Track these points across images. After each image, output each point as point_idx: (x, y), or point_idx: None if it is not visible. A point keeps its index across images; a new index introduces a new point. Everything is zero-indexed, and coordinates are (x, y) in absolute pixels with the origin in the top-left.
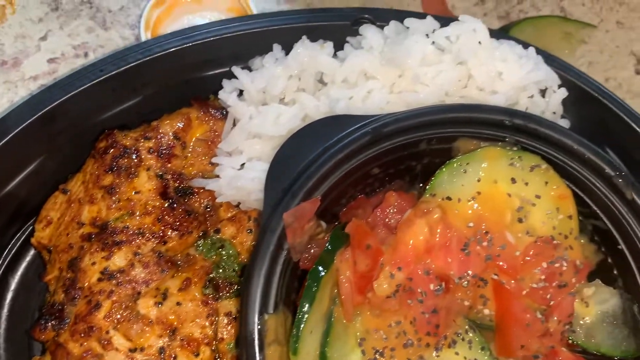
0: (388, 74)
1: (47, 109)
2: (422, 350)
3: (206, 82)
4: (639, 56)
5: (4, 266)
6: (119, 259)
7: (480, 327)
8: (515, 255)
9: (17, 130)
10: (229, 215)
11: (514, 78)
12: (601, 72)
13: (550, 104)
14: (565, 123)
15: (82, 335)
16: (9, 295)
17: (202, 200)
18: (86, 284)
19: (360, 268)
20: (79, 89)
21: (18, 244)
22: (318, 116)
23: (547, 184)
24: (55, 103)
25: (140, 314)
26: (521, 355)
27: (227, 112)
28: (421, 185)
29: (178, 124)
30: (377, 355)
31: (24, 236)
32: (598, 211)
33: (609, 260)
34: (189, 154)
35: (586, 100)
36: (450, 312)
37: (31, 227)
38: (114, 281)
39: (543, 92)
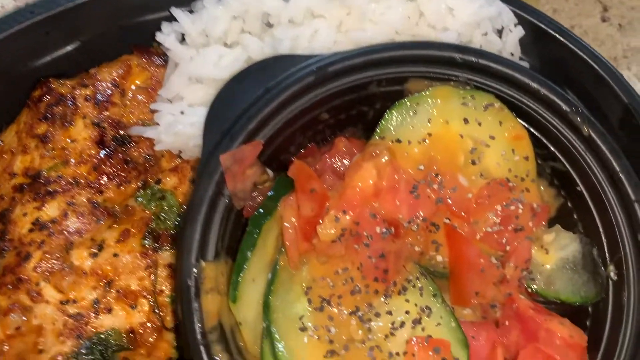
0: (335, 12)
1: None
2: (370, 297)
3: (148, 29)
4: (605, 3)
5: None
6: (51, 209)
7: (433, 275)
8: (468, 198)
9: None
10: (171, 165)
11: (465, 14)
12: (567, 20)
13: (507, 44)
14: (524, 65)
15: (10, 287)
16: None
17: (142, 150)
18: (16, 235)
19: (305, 213)
20: (9, 32)
21: None
22: (262, 58)
23: (502, 124)
24: None
25: (73, 265)
26: (477, 303)
27: (168, 59)
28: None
29: (117, 71)
30: (324, 304)
31: None
32: (556, 152)
33: (569, 204)
34: (129, 102)
35: (545, 41)
36: (399, 257)
37: None
38: (45, 232)
39: (500, 33)
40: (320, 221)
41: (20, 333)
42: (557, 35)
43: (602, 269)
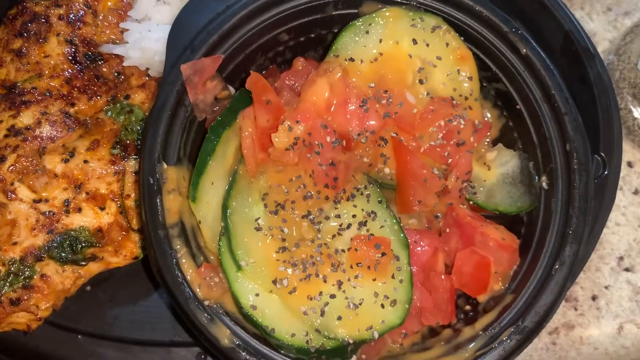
0: None
1: None
2: (321, 203)
3: None
4: None
5: None
6: (26, 118)
7: (382, 186)
8: (414, 113)
9: None
10: (140, 82)
11: None
12: None
13: None
14: None
15: None
16: None
17: (112, 67)
18: None
19: (261, 124)
20: None
21: None
22: None
23: (448, 46)
24: None
25: (46, 168)
26: (420, 211)
27: None
28: None
29: None
30: (278, 208)
31: None
32: (498, 72)
33: (510, 123)
34: (100, 22)
35: None
36: (349, 167)
37: None
38: (20, 137)
39: None
40: (276, 131)
41: None
42: None
43: (537, 180)
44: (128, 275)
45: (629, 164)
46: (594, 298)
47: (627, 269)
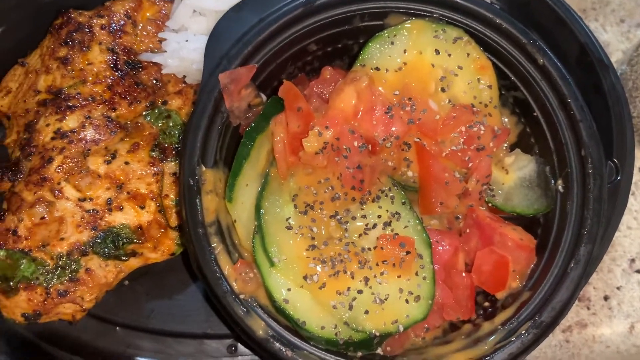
0: None
1: None
2: (348, 204)
3: None
4: None
5: None
6: (71, 121)
7: (405, 188)
8: (436, 120)
9: None
10: (177, 89)
11: None
12: None
13: None
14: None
15: (35, 185)
16: None
17: (151, 74)
18: (40, 142)
19: (292, 129)
20: None
21: None
22: None
23: (469, 56)
24: None
25: (89, 169)
26: (442, 213)
27: None
28: None
29: (129, 4)
30: (307, 208)
31: None
32: (516, 81)
33: (528, 129)
34: (139, 32)
35: None
36: (374, 170)
37: None
38: (65, 140)
39: None
40: (306, 136)
41: (44, 222)
42: None
43: (553, 184)
44: (165, 271)
45: None
46: (606, 298)
47: (638, 271)
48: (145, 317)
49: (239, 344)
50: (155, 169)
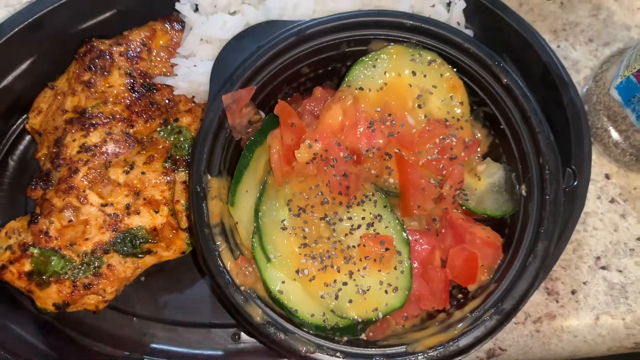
0: None
1: (35, 17)
2: (336, 207)
3: (171, 1)
4: None
5: (5, 149)
6: (94, 137)
7: (387, 194)
8: (413, 133)
9: (10, 33)
10: (187, 108)
11: None
12: None
13: (453, 15)
14: (469, 33)
15: (64, 192)
16: (10, 171)
17: (164, 95)
18: (68, 155)
19: (286, 142)
20: (61, 2)
21: (17, 132)
22: (256, 23)
23: (442, 76)
24: (42, 12)
25: (110, 178)
26: (419, 214)
27: (185, 25)
28: None
29: (145, 34)
30: (300, 211)
31: (21, 126)
32: (485, 98)
33: (497, 140)
34: (154, 58)
35: (485, 12)
36: (359, 178)
37: (26, 117)
38: (90, 153)
39: (449, 6)
40: (297, 148)
41: (72, 224)
42: (493, 8)
43: (518, 188)
44: (176, 268)
45: (607, 176)
46: (573, 292)
47: (603, 267)
48: (159, 309)
49: (242, 333)
50: (168, 178)
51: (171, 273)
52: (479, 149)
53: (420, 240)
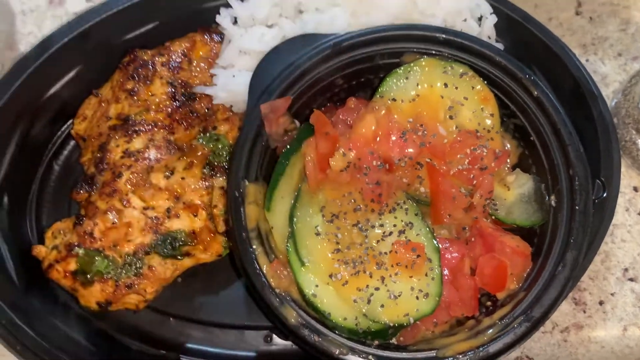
0: (350, 2)
1: (83, 28)
2: (368, 214)
3: (211, 13)
4: (580, 0)
5: (50, 154)
6: (137, 143)
7: (418, 202)
8: (444, 143)
9: (59, 44)
10: (225, 116)
11: (449, 4)
12: (545, 13)
13: (484, 29)
14: (499, 47)
15: (108, 195)
16: (55, 175)
17: (203, 104)
18: (112, 160)
19: (321, 150)
20: (107, 14)
21: (62, 138)
22: (293, 36)
23: (473, 89)
24: (89, 24)
25: (152, 183)
26: (449, 223)
27: (224, 36)
28: None
29: (186, 45)
30: (333, 218)
31: (66, 132)
32: (515, 110)
33: (526, 152)
34: (194, 68)
35: (515, 27)
36: (391, 186)
37: (71, 123)
38: (132, 158)
39: (480, 20)
40: (332, 156)
41: (115, 227)
42: (524, 22)
43: (547, 199)
44: (212, 270)
45: (635, 189)
46: (601, 303)
47: (631, 279)
48: (195, 310)
49: (274, 335)
50: (206, 183)
51: (208, 275)
52: (508, 160)
53: (450, 249)
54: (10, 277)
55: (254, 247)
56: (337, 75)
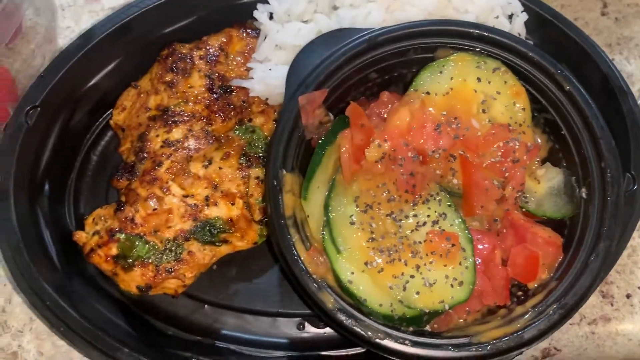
0: None
1: (123, 21)
2: (402, 205)
3: (247, 8)
4: (605, 1)
5: (89, 143)
6: (176, 133)
7: (451, 194)
8: (478, 136)
9: (100, 36)
10: (260, 109)
11: (482, 1)
12: (572, 13)
13: (515, 26)
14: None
15: (148, 183)
16: (92, 164)
17: (239, 96)
18: (152, 149)
19: (356, 142)
20: (147, 8)
21: (99, 128)
22: (329, 31)
23: (506, 83)
24: (129, 18)
25: (191, 172)
26: (482, 215)
27: (260, 32)
28: None
29: (222, 39)
30: (367, 208)
31: (104, 122)
32: (546, 105)
33: (557, 146)
34: (230, 62)
35: (545, 24)
36: (425, 177)
37: (110, 114)
38: (172, 148)
39: (510, 18)
40: (367, 147)
41: (156, 213)
42: (554, 20)
43: (578, 191)
44: (248, 258)
45: None
46: (628, 296)
47: None
48: (229, 297)
49: (306, 322)
50: (243, 173)
51: (243, 263)
52: (539, 154)
53: (482, 240)
54: (53, 261)
55: (291, 234)
56: (371, 69)
